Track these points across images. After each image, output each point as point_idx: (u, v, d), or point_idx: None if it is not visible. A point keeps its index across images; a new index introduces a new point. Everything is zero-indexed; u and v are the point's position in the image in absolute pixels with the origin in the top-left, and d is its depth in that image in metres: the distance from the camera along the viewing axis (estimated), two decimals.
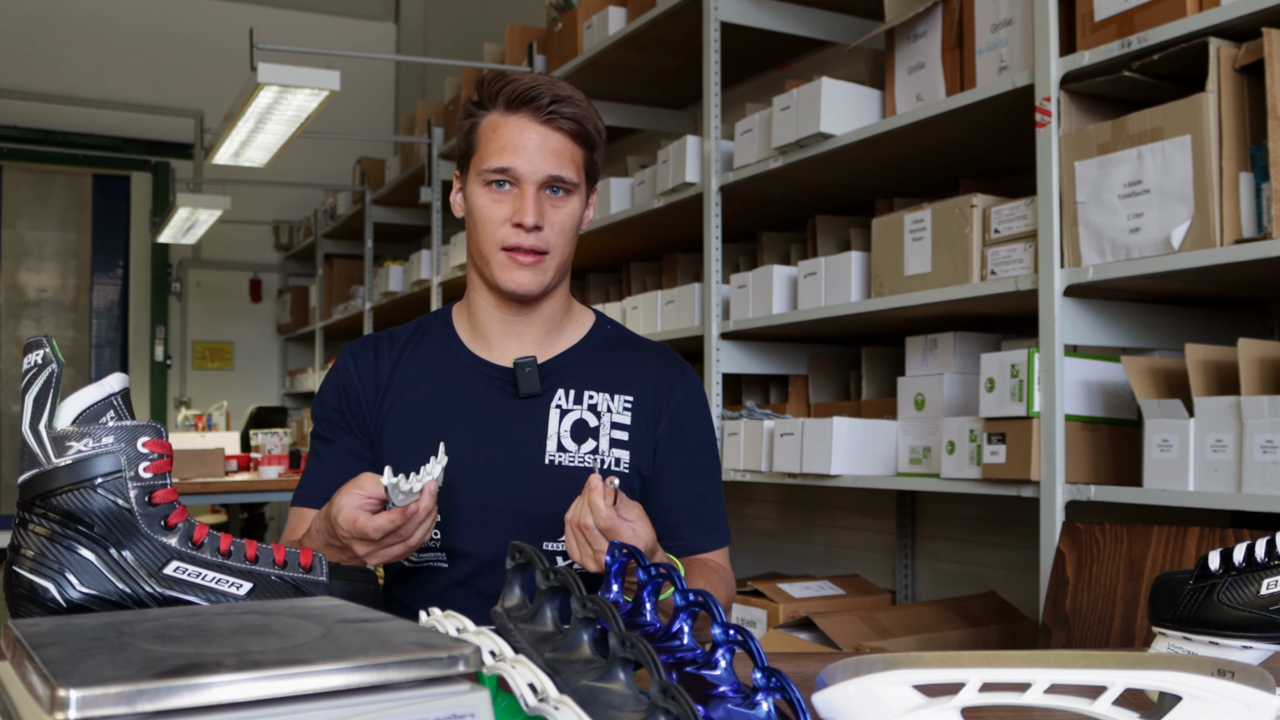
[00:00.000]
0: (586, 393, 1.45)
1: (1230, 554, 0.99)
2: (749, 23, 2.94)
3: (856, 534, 3.22)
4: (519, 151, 1.36)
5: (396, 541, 1.17)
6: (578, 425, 1.43)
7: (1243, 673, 0.69)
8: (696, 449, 1.48)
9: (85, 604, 0.91)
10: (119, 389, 0.94)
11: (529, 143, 1.37)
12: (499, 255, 1.39)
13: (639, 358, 1.50)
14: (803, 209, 3.04)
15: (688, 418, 1.48)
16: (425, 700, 0.58)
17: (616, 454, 1.43)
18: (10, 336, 7.43)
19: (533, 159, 1.36)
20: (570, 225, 1.41)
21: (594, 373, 1.47)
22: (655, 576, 0.86)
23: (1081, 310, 1.99)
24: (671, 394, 1.48)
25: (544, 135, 1.37)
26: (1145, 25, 1.84)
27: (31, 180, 7.51)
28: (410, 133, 5.43)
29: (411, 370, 1.47)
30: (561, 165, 1.38)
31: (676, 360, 1.53)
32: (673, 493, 1.46)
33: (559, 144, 1.38)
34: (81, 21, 7.25)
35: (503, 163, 1.36)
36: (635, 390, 1.46)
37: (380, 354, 1.48)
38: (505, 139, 1.37)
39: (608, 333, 1.53)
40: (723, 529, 1.50)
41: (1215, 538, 1.62)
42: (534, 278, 1.40)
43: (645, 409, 1.46)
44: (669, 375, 1.49)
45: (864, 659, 0.74)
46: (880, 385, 2.77)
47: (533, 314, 1.46)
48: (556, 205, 1.39)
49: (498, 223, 1.38)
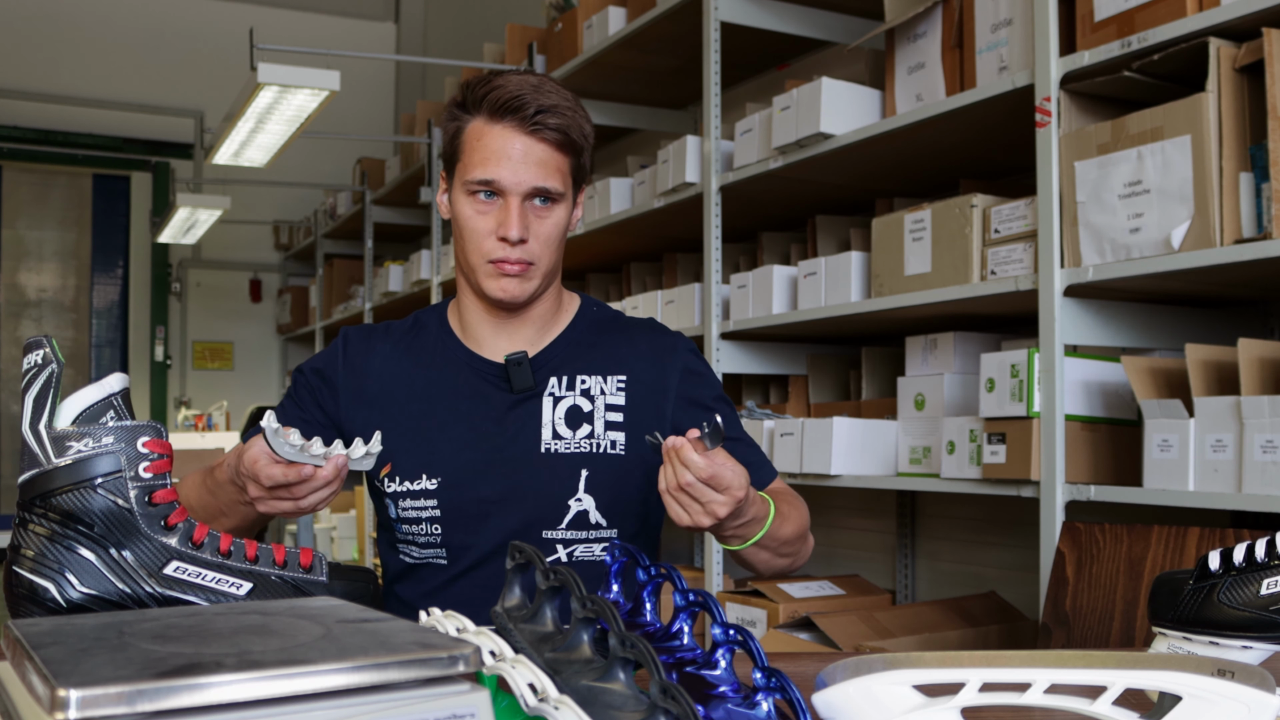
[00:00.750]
0: (579, 378, 1.45)
1: (1230, 554, 0.99)
2: (749, 23, 2.94)
3: (856, 534, 3.22)
4: (502, 163, 1.35)
5: (286, 497, 1.16)
6: (571, 411, 1.43)
7: (1243, 673, 0.69)
8: (713, 403, 1.48)
9: (85, 604, 0.91)
10: (119, 389, 0.94)
11: (513, 153, 1.35)
12: (485, 266, 1.39)
13: (627, 336, 1.50)
14: (803, 209, 3.04)
15: (694, 378, 1.49)
16: (425, 700, 0.58)
17: (611, 436, 1.43)
18: (10, 336, 7.43)
19: (517, 170, 1.35)
20: (556, 234, 1.40)
21: (585, 356, 1.47)
22: (655, 577, 0.86)
23: (1081, 310, 1.99)
24: (671, 363, 1.48)
25: (528, 146, 1.35)
26: (1145, 25, 1.84)
27: (31, 180, 7.51)
28: (410, 133, 5.43)
29: (406, 365, 1.47)
30: (546, 176, 1.36)
31: (663, 330, 1.53)
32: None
33: (544, 154, 1.36)
34: (81, 21, 7.25)
35: (486, 174, 1.35)
36: (628, 369, 1.46)
37: (375, 345, 1.49)
38: (489, 149, 1.36)
39: (594, 314, 1.53)
40: (766, 464, 1.48)
41: (1215, 538, 1.62)
42: (520, 286, 1.39)
43: (641, 386, 1.46)
44: (661, 346, 1.49)
45: (864, 659, 0.74)
46: (880, 385, 2.77)
47: (522, 317, 1.46)
48: (542, 216, 1.38)
49: (482, 235, 1.38)
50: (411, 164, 5.50)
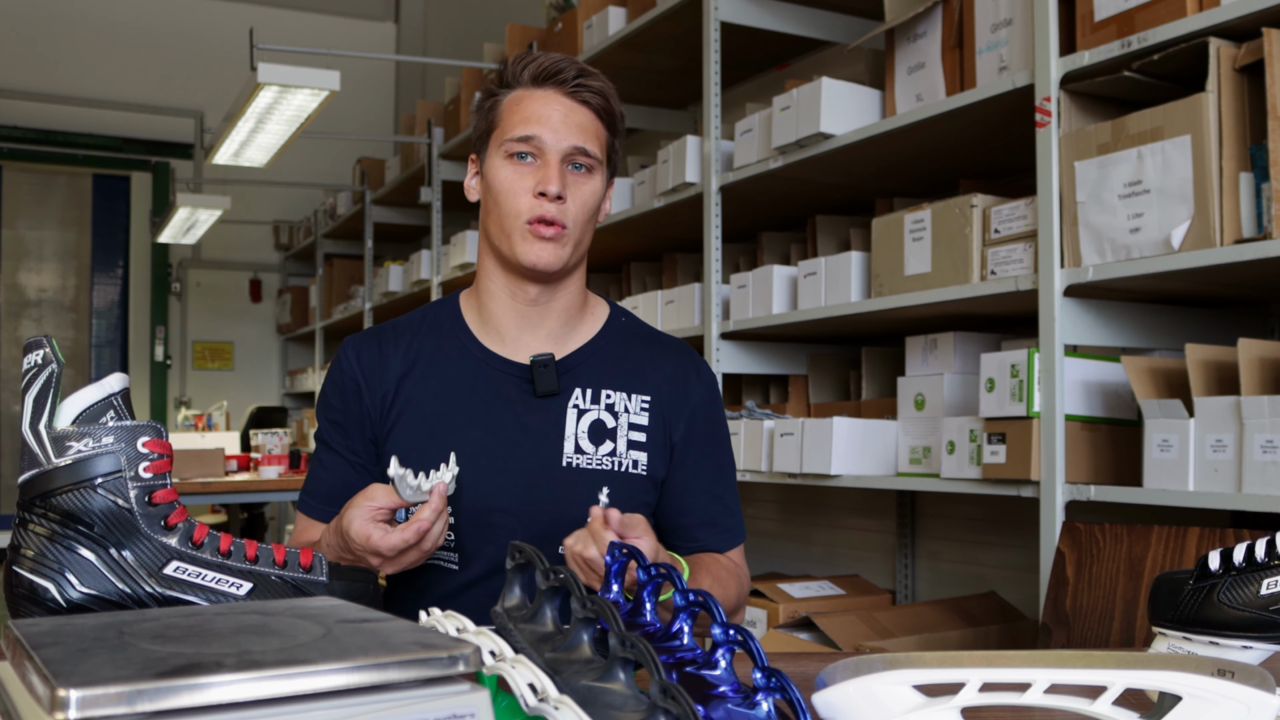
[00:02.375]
0: (604, 392, 1.42)
1: (1230, 554, 0.99)
2: (749, 23, 2.94)
3: (856, 534, 3.22)
4: (544, 122, 1.35)
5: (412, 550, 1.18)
6: (595, 426, 1.40)
7: (1243, 673, 0.69)
8: (713, 451, 1.47)
9: (85, 604, 0.91)
10: (119, 389, 0.94)
11: (554, 115, 1.36)
12: (521, 227, 1.35)
13: (655, 353, 1.48)
14: (803, 209, 3.04)
15: (704, 420, 1.46)
16: (425, 700, 0.58)
17: (634, 455, 1.41)
18: (10, 336, 7.43)
19: (558, 130, 1.35)
20: (591, 204, 1.39)
21: (611, 370, 1.44)
22: (655, 577, 0.86)
23: (1081, 310, 1.99)
24: (688, 397, 1.46)
25: (569, 108, 1.36)
26: (1145, 25, 1.84)
27: (31, 180, 7.51)
28: (410, 133, 5.43)
29: (422, 366, 1.42)
30: (586, 138, 1.36)
31: (693, 358, 1.51)
32: (689, 496, 1.44)
33: (584, 118, 1.37)
34: (81, 21, 7.25)
35: (527, 131, 1.35)
36: (652, 390, 1.44)
37: (385, 351, 1.43)
38: (530, 110, 1.36)
39: (623, 325, 1.50)
40: (737, 528, 1.48)
41: (1215, 538, 1.62)
42: (554, 252, 1.35)
43: (661, 409, 1.44)
44: (685, 375, 1.47)
45: (864, 659, 0.74)
46: (880, 385, 2.77)
47: (549, 305, 1.42)
48: (579, 181, 1.37)
49: (519, 194, 1.35)
50: (411, 164, 5.50)
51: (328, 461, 1.44)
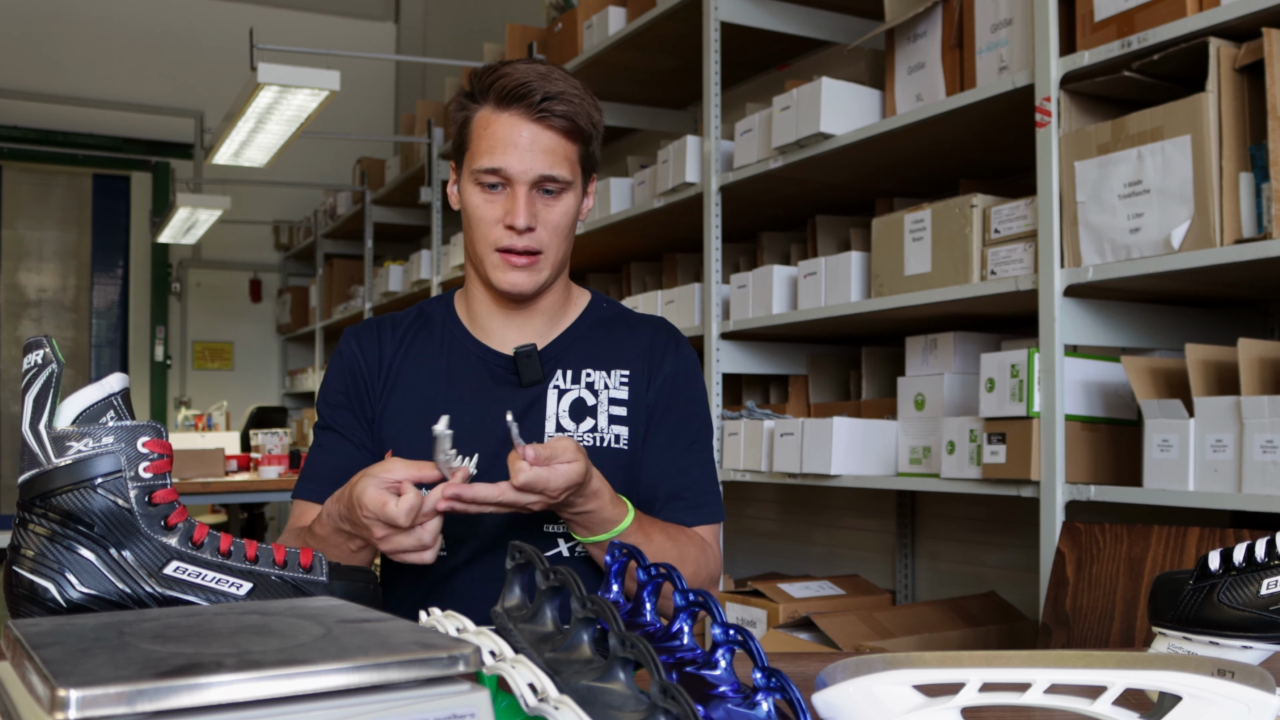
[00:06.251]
0: (584, 371, 1.45)
1: (1230, 554, 0.99)
2: (749, 23, 2.94)
3: (856, 534, 3.22)
4: (509, 150, 1.34)
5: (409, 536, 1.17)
6: (576, 404, 1.43)
7: (1243, 673, 0.69)
8: (680, 422, 1.46)
9: (85, 604, 0.91)
10: (119, 389, 0.94)
11: (520, 141, 1.34)
12: (492, 255, 1.39)
13: (632, 331, 1.50)
14: (803, 209, 3.04)
15: (675, 390, 1.47)
16: (425, 700, 0.58)
17: (616, 430, 1.43)
18: (10, 336, 7.43)
19: (524, 158, 1.34)
20: (564, 223, 1.40)
21: (591, 352, 1.47)
22: (655, 577, 0.86)
23: (1081, 310, 1.99)
24: (661, 366, 1.47)
25: (535, 133, 1.35)
26: (1145, 25, 1.84)
27: (31, 180, 7.51)
28: (410, 133, 5.43)
29: (414, 356, 1.47)
30: (554, 164, 1.36)
31: (670, 331, 1.52)
32: (655, 467, 1.44)
33: (551, 141, 1.35)
34: (81, 21, 7.25)
35: (493, 163, 1.35)
36: (630, 364, 1.46)
37: (383, 338, 1.48)
38: (496, 137, 1.35)
39: (603, 310, 1.52)
40: (709, 506, 1.46)
41: (1215, 538, 1.62)
42: (528, 278, 1.39)
43: (639, 382, 1.45)
44: (662, 347, 1.48)
45: (864, 659, 0.74)
46: (880, 385, 2.77)
47: (533, 306, 1.46)
48: (550, 204, 1.38)
49: (490, 223, 1.37)
50: (411, 164, 5.50)
51: (329, 444, 1.46)
